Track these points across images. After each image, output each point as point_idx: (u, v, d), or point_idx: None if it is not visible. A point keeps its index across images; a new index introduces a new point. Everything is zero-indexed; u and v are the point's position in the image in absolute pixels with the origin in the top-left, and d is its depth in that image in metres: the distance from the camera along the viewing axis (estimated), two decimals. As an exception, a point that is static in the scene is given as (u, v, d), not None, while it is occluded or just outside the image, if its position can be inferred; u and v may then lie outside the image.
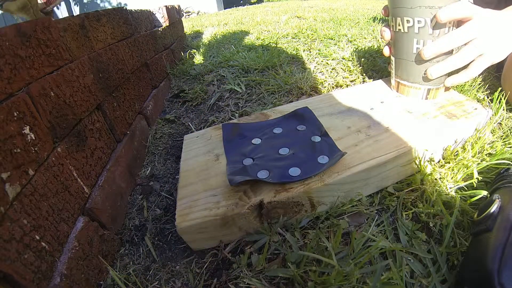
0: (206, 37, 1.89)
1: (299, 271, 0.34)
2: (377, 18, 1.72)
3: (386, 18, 0.56)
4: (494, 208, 0.32)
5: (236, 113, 0.77)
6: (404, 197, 0.42)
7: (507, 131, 0.53)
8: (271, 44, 1.37)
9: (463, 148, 0.49)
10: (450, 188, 0.41)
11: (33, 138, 0.35)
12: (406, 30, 0.50)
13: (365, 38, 1.24)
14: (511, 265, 0.27)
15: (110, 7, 0.72)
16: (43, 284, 0.31)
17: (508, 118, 0.56)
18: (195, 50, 1.49)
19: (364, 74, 0.85)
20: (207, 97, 0.93)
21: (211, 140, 0.55)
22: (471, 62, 0.48)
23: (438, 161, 0.48)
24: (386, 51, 0.59)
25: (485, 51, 0.46)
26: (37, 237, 0.32)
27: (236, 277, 0.37)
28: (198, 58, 1.37)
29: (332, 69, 0.92)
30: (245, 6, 4.90)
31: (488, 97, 0.62)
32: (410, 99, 0.56)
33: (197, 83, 1.06)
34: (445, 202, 0.40)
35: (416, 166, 0.45)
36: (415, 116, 0.51)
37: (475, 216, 0.35)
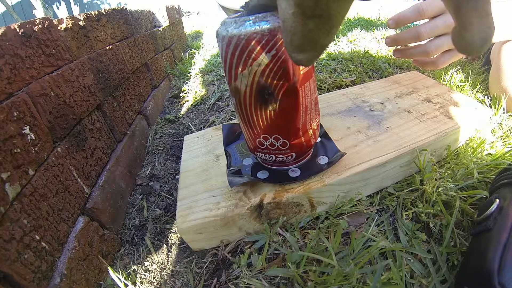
0: (206, 37, 1.89)
1: (299, 271, 0.34)
2: (377, 19, 1.72)
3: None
4: (494, 208, 0.32)
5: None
6: (404, 197, 0.42)
7: (507, 131, 0.53)
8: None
9: (463, 148, 0.49)
10: (450, 188, 0.41)
11: (33, 138, 0.35)
12: None
13: (365, 38, 1.24)
14: (511, 265, 0.27)
15: (110, 7, 0.72)
16: (43, 284, 0.31)
17: (508, 118, 0.56)
18: (195, 50, 1.49)
19: (364, 74, 0.85)
20: (207, 97, 0.93)
21: (211, 141, 0.55)
22: (439, 55, 0.47)
23: (438, 161, 0.48)
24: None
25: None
26: (37, 237, 0.32)
27: (236, 277, 0.37)
28: (198, 58, 1.37)
29: (333, 69, 0.92)
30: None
31: (488, 97, 0.62)
32: (409, 100, 0.56)
33: (197, 83, 1.06)
34: (445, 202, 0.40)
35: (416, 166, 0.45)
36: (415, 116, 0.51)
37: (475, 216, 0.35)
